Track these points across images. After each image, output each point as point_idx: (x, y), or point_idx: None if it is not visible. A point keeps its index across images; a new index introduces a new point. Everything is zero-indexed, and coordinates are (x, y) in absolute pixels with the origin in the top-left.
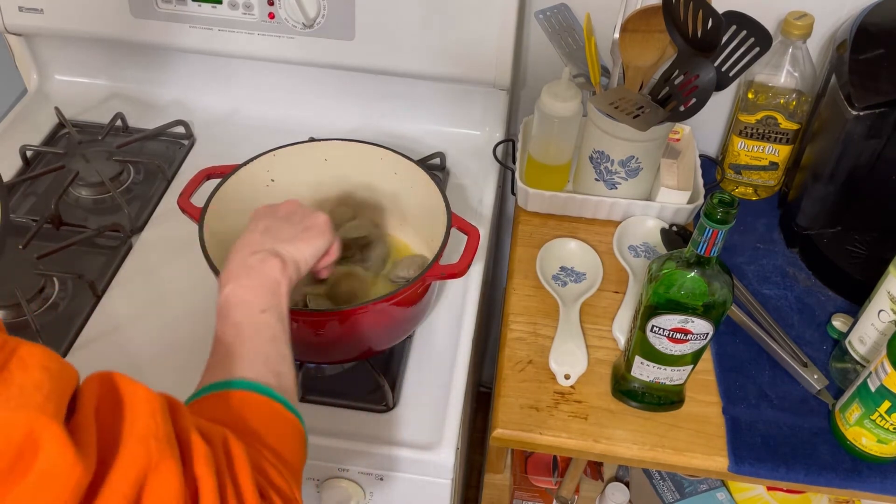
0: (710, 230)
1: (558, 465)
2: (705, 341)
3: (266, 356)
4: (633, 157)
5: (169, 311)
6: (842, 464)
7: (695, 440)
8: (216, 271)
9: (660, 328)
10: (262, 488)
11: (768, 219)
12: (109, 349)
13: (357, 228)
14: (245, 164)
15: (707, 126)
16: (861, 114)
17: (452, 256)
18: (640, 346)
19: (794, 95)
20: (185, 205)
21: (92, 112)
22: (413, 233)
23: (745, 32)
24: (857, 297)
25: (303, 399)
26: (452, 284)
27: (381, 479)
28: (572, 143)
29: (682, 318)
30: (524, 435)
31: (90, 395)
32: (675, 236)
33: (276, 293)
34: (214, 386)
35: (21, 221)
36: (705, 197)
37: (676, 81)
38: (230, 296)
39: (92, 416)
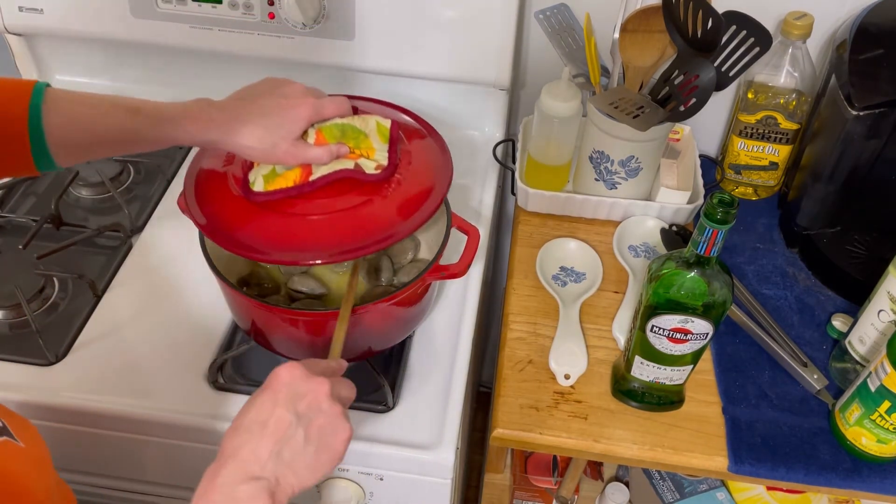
0: (710, 230)
1: (558, 465)
2: (705, 341)
3: None
4: (633, 157)
5: (169, 312)
6: (842, 464)
7: (695, 440)
8: (216, 271)
9: (660, 328)
10: None
11: (768, 219)
12: (109, 349)
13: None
14: None
15: (707, 126)
16: (861, 114)
17: (452, 256)
18: (640, 346)
19: (793, 95)
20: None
21: None
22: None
23: (745, 32)
24: (857, 297)
25: None
26: (452, 284)
27: (381, 479)
28: (572, 143)
29: (682, 318)
30: (524, 435)
31: None
32: (675, 236)
33: None
34: None
35: (21, 221)
36: (705, 197)
37: (676, 81)
38: None
39: None
